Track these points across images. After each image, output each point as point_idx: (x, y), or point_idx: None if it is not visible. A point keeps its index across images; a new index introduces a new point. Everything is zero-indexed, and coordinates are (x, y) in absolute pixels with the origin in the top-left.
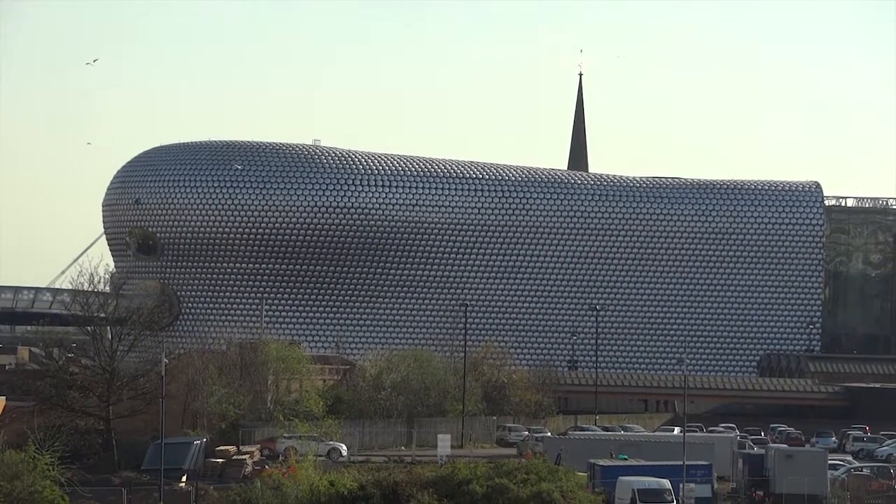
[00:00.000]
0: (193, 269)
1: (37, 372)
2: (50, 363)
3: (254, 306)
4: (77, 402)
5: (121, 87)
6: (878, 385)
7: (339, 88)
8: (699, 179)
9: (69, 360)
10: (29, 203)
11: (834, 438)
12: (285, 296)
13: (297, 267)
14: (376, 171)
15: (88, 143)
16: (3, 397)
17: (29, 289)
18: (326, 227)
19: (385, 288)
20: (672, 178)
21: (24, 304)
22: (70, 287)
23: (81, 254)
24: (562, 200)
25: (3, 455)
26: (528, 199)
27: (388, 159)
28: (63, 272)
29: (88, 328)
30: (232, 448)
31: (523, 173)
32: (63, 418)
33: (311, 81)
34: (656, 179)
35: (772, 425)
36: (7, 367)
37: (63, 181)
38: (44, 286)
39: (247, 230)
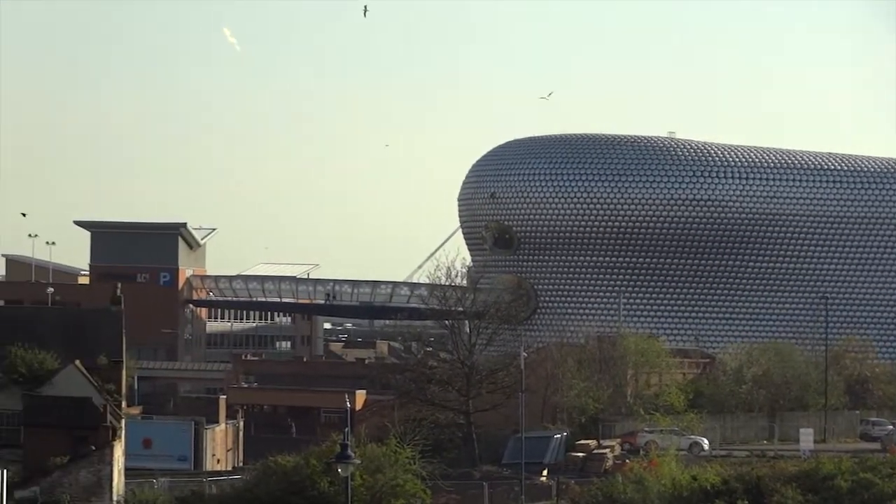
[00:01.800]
0: (550, 263)
1: (396, 366)
2: (409, 357)
3: (611, 299)
4: (437, 395)
5: (473, 83)
6: None
7: (694, 80)
8: None
9: (427, 354)
10: (386, 199)
11: None
12: (643, 289)
13: (655, 260)
14: (733, 164)
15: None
16: (364, 391)
17: (387, 283)
18: (683, 219)
19: (743, 281)
20: None
21: (382, 298)
22: (427, 281)
23: (438, 248)
24: None
25: (366, 449)
26: (890, 190)
27: (744, 151)
28: (420, 267)
29: (446, 322)
30: (593, 442)
31: (884, 164)
32: (423, 412)
33: (668, 74)
34: None
35: None
36: (367, 361)
37: (419, 176)
38: (401, 281)
39: (603, 223)
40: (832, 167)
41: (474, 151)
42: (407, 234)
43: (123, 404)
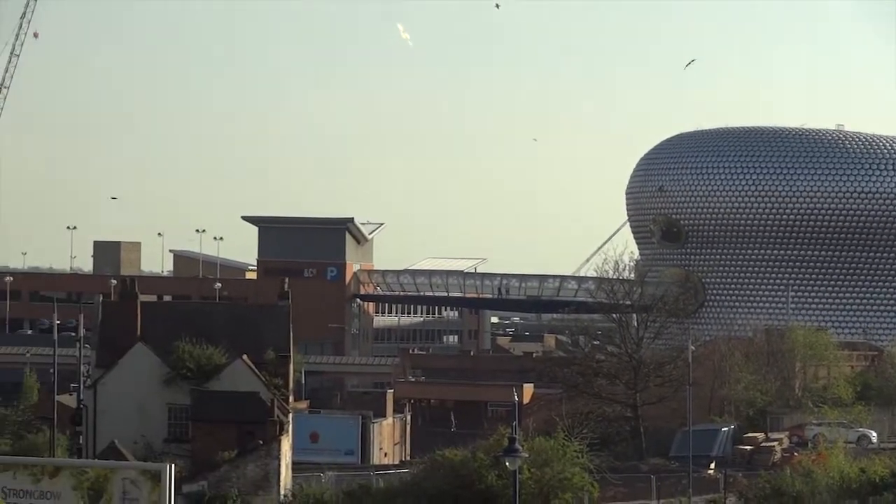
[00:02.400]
0: (718, 256)
1: (563, 359)
2: (576, 351)
3: (779, 292)
4: (604, 389)
5: (642, 76)
6: None
7: (861, 72)
8: None
9: (595, 348)
10: (554, 193)
11: None
12: (811, 282)
13: (823, 253)
14: None
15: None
16: (531, 385)
17: (554, 277)
18: (852, 212)
19: None
20: None
21: (549, 292)
22: (595, 275)
23: (605, 242)
24: None
25: (534, 442)
26: None
27: None
28: (588, 260)
29: (614, 316)
30: (760, 435)
31: None
32: (590, 405)
33: (828, 65)
34: None
35: None
36: (534, 354)
37: (586, 170)
38: (569, 274)
39: (772, 216)
40: None
41: (643, 145)
42: (575, 228)
43: (291, 399)
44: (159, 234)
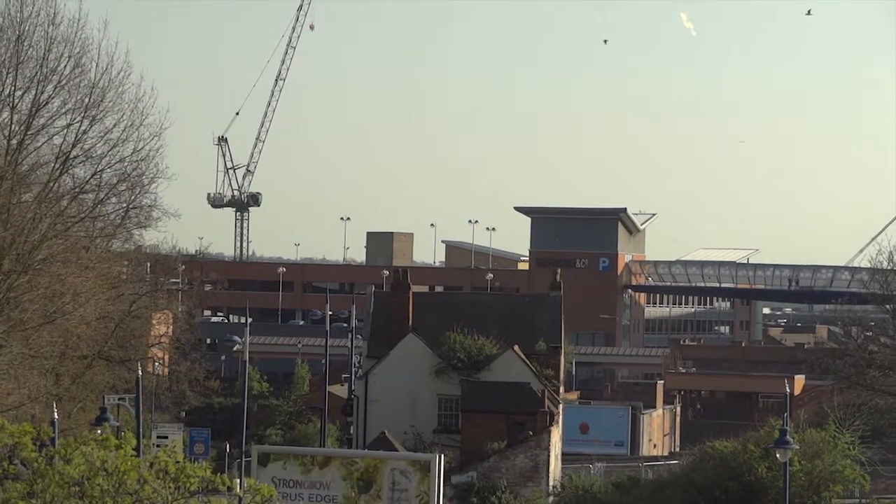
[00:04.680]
0: None
1: (835, 350)
2: (848, 342)
3: None
4: (876, 381)
5: None
6: None
7: None
8: None
9: (868, 339)
10: (827, 183)
11: None
12: None
13: None
14: None
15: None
16: (802, 376)
17: (827, 268)
18: None
19: None
20: None
21: (822, 283)
22: (868, 265)
23: (880, 232)
24: None
25: (804, 434)
26: None
27: None
28: (861, 251)
29: (887, 307)
30: None
31: None
32: (862, 397)
33: None
34: None
35: None
36: (805, 345)
37: (858, 161)
38: (842, 265)
39: None
40: None
41: None
42: (848, 219)
43: (561, 389)
44: (432, 224)
